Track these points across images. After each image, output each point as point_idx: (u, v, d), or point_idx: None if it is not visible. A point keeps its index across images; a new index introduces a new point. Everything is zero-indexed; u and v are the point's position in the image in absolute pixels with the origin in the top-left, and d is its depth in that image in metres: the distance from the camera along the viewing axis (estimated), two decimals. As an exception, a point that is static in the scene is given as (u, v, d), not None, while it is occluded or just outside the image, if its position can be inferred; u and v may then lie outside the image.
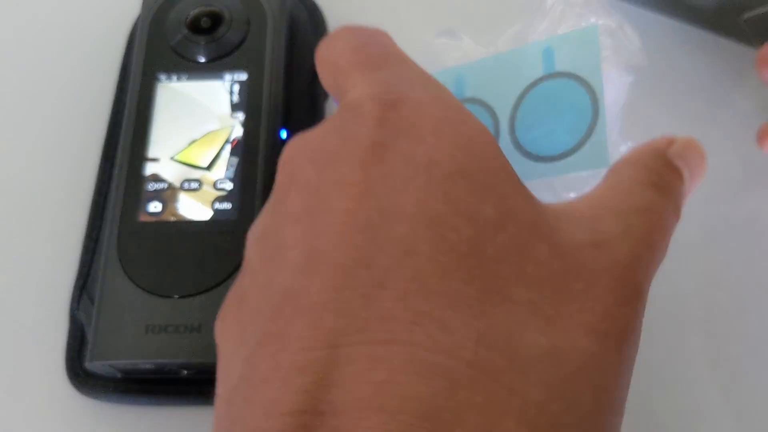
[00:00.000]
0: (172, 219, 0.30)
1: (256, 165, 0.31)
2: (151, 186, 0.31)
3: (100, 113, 0.36)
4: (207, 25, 0.34)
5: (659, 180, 0.20)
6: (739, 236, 0.33)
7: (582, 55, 0.28)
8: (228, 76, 0.33)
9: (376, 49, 0.22)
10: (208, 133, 0.32)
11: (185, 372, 0.29)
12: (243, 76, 0.33)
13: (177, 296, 0.28)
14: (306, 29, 0.38)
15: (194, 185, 0.31)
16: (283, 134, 0.33)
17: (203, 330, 0.28)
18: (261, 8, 0.35)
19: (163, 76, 0.33)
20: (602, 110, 0.27)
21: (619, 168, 0.21)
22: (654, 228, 0.19)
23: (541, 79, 0.28)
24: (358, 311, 0.15)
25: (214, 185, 0.31)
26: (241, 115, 0.32)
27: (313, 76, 0.36)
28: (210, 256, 0.29)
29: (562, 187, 0.28)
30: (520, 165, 0.27)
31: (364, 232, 0.16)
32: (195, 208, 0.31)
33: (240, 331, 0.18)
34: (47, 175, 0.36)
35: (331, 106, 0.37)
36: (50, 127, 0.37)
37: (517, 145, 0.28)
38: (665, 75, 0.36)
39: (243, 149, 0.31)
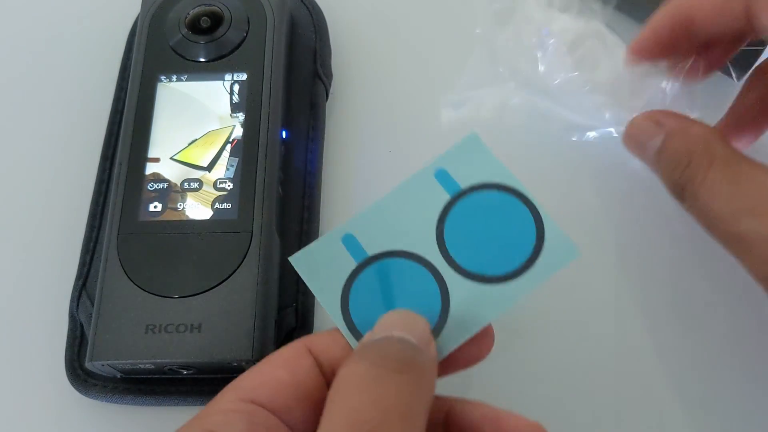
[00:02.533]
0: (172, 219, 0.30)
1: (256, 165, 0.31)
2: (151, 186, 0.31)
3: (100, 113, 0.36)
4: (207, 25, 0.34)
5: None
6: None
7: (478, 162, 0.28)
8: (228, 76, 0.33)
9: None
10: (208, 133, 0.32)
11: (185, 372, 0.29)
12: (243, 76, 0.33)
13: (177, 296, 0.28)
14: (306, 29, 0.38)
15: (194, 185, 0.31)
16: (283, 134, 0.33)
17: (203, 330, 0.28)
18: (261, 8, 0.35)
19: (163, 76, 0.33)
20: (537, 204, 0.27)
21: None
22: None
23: (452, 203, 0.27)
24: None
25: (214, 185, 0.31)
26: (241, 115, 0.32)
27: (314, 76, 0.37)
28: (210, 256, 0.29)
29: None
30: (487, 297, 0.26)
31: None
32: (195, 208, 0.31)
33: None
34: (47, 175, 0.36)
35: (331, 106, 0.37)
36: (50, 127, 0.37)
37: (474, 277, 0.26)
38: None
39: (243, 149, 0.31)
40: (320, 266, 0.27)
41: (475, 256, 0.27)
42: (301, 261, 0.27)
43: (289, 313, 0.31)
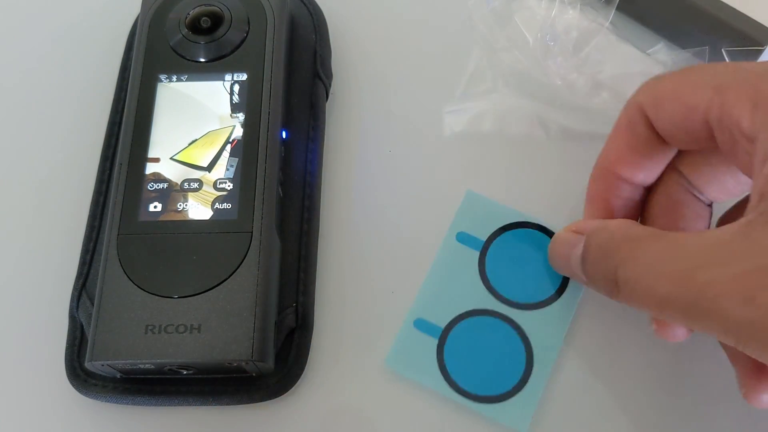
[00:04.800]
0: (172, 219, 0.30)
1: (256, 165, 0.31)
2: (152, 186, 0.31)
3: (100, 113, 0.36)
4: (207, 25, 0.34)
5: None
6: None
7: (485, 213, 0.33)
8: (228, 76, 0.33)
9: None
10: (208, 133, 0.32)
11: (185, 372, 0.29)
12: (243, 76, 0.33)
13: (177, 296, 0.28)
14: (306, 29, 0.37)
15: (194, 185, 0.31)
16: (283, 134, 0.33)
17: (203, 330, 0.28)
18: (261, 8, 0.35)
19: (163, 76, 0.33)
20: (547, 226, 0.32)
21: None
22: None
23: (483, 255, 0.32)
24: None
25: (214, 185, 0.31)
26: (241, 115, 0.32)
27: (314, 76, 0.37)
28: (210, 256, 0.29)
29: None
30: (551, 316, 0.31)
31: None
32: (195, 208, 0.31)
33: None
34: (47, 176, 0.36)
35: (331, 106, 0.37)
36: (50, 127, 0.37)
37: (533, 306, 0.31)
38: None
39: (243, 149, 0.31)
40: (410, 357, 0.30)
41: (524, 289, 0.31)
42: (394, 361, 0.30)
43: (289, 314, 0.31)
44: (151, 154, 0.32)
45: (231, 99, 0.33)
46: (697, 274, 0.21)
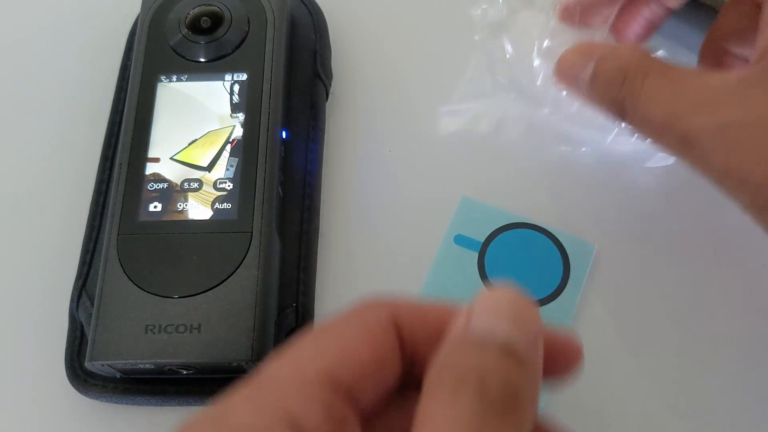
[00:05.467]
0: (172, 219, 0.30)
1: (256, 165, 0.31)
2: (151, 186, 0.31)
3: (100, 113, 0.36)
4: (207, 25, 0.34)
5: None
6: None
7: (481, 216, 0.33)
8: (228, 76, 0.33)
9: None
10: (208, 133, 0.32)
11: (185, 372, 0.29)
12: (243, 76, 0.33)
13: (177, 296, 0.28)
14: (306, 29, 0.38)
15: (194, 185, 0.31)
16: (283, 134, 0.33)
17: (203, 330, 0.28)
18: (261, 8, 0.35)
19: (163, 76, 0.33)
20: (542, 224, 0.33)
21: None
22: None
23: (482, 256, 0.32)
24: None
25: (214, 185, 0.31)
26: (241, 115, 0.32)
27: (314, 76, 0.37)
28: (210, 256, 0.29)
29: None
30: (551, 315, 0.31)
31: None
32: (195, 208, 0.31)
33: None
34: (47, 176, 0.36)
35: (331, 106, 0.37)
36: (50, 127, 0.37)
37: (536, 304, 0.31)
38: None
39: (243, 149, 0.31)
40: None
41: (525, 287, 0.30)
42: None
43: (289, 314, 0.31)
44: (151, 154, 0.32)
45: (231, 99, 0.33)
46: (686, 116, 0.24)
